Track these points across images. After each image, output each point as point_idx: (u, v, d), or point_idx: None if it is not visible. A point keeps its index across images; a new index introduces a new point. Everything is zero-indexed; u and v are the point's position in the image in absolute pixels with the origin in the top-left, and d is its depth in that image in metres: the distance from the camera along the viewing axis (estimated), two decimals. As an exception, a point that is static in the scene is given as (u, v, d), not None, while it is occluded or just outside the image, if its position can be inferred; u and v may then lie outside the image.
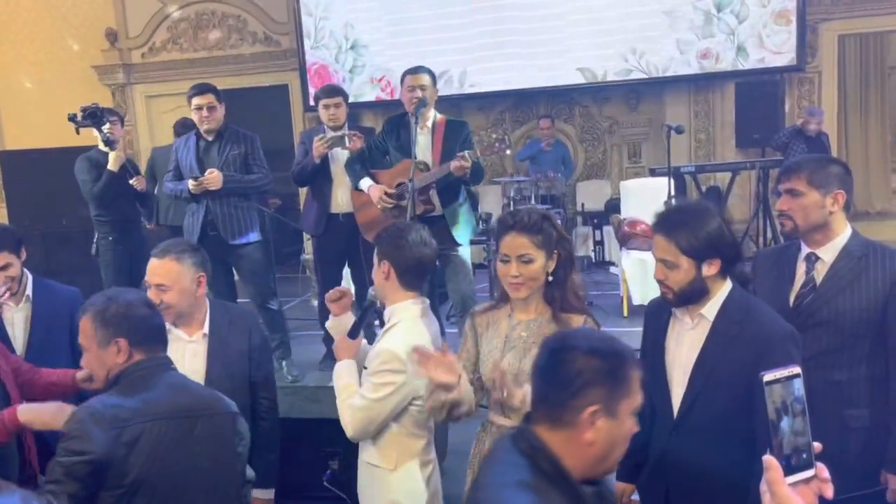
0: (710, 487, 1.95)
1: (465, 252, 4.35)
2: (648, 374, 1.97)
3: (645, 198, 5.58)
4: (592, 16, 7.57)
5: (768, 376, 1.02)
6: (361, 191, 4.36)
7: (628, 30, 7.54)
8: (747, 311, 1.95)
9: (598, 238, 7.53)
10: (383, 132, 4.40)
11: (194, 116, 4.37)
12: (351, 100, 8.24)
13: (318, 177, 4.55)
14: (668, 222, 1.97)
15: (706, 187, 7.82)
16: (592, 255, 7.56)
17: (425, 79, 4.21)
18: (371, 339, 2.80)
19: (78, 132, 4.94)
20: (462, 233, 4.26)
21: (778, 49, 7.29)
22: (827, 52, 7.57)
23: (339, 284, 5.54)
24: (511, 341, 2.10)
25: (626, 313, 5.63)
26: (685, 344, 2.02)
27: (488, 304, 2.25)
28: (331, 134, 4.45)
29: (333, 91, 4.63)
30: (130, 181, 4.90)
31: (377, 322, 6.08)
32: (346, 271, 4.93)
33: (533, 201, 6.68)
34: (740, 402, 1.85)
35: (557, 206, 7.08)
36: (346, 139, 4.34)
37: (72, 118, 4.80)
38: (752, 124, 7.40)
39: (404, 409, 2.22)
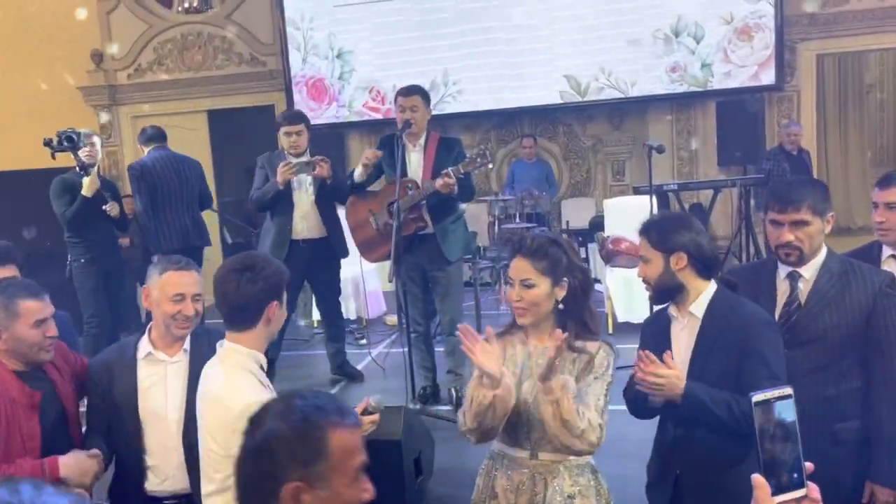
0: (717, 474, 2.08)
1: (456, 270, 4.38)
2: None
3: (628, 216, 5.62)
4: (576, 37, 7.68)
5: (757, 397, 1.03)
6: (358, 204, 4.40)
7: (611, 51, 7.65)
8: (731, 306, 2.12)
9: (583, 256, 7.58)
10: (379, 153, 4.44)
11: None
12: (344, 108, 8.38)
13: (280, 202, 4.55)
14: (646, 224, 2.23)
15: (689, 205, 7.90)
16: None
17: (416, 100, 4.27)
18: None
19: (54, 157, 4.93)
20: (452, 250, 4.29)
21: (742, 63, 7.42)
22: (805, 71, 7.71)
23: (295, 309, 5.56)
24: (527, 369, 2.06)
25: (611, 330, 5.66)
26: (682, 342, 2.16)
27: (503, 329, 2.18)
28: (297, 160, 4.47)
29: (296, 118, 4.66)
30: (104, 207, 4.88)
31: (363, 340, 6.10)
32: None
33: (518, 220, 6.72)
34: (732, 390, 2.02)
35: (542, 223, 7.13)
36: (313, 165, 4.39)
37: (47, 143, 4.77)
38: (734, 142, 7.51)
39: None
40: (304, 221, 4.60)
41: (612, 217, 6.28)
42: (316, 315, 6.60)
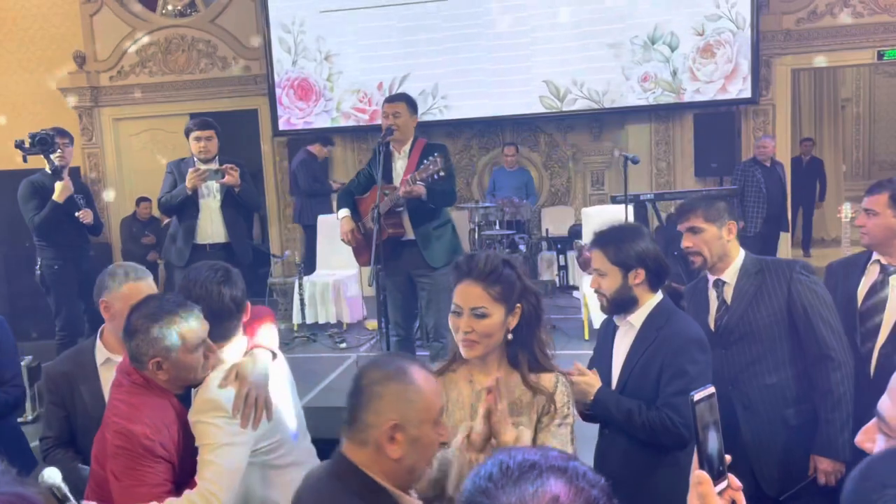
0: (635, 481, 2.10)
1: (443, 277, 4.25)
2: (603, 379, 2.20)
3: (605, 224, 5.73)
4: (556, 45, 7.79)
5: (696, 396, 1.11)
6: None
7: (589, 59, 7.77)
8: (668, 319, 2.17)
9: (562, 263, 7.67)
10: (370, 159, 4.49)
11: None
12: (333, 108, 8.41)
13: (187, 207, 4.60)
14: (602, 238, 2.25)
15: (666, 214, 8.02)
16: (557, 279, 7.69)
17: (400, 107, 4.29)
18: None
19: (25, 160, 4.84)
20: (435, 256, 4.27)
21: (709, 78, 7.59)
22: (780, 86, 7.87)
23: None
24: (477, 412, 1.71)
25: (587, 336, 5.75)
26: (620, 349, 2.24)
27: (441, 364, 1.92)
28: (207, 166, 4.53)
29: (206, 124, 4.67)
30: (77, 214, 4.82)
31: (343, 344, 6.14)
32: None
33: (498, 227, 6.80)
34: (652, 399, 2.10)
35: (523, 231, 7.21)
36: (221, 173, 4.45)
37: (19, 145, 4.69)
38: (710, 154, 7.66)
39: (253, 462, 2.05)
40: (210, 227, 4.65)
41: (589, 225, 6.37)
42: (297, 319, 6.64)
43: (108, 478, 1.94)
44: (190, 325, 1.96)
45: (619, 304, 2.20)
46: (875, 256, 2.62)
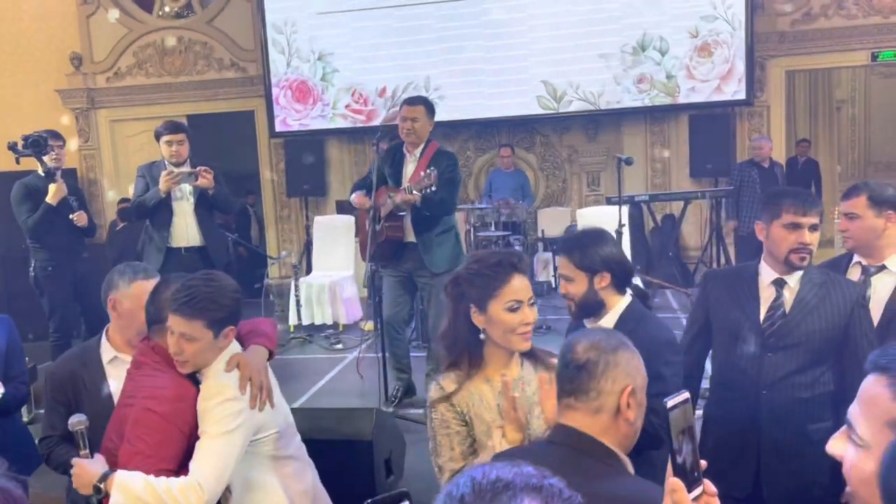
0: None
1: (443, 281, 4.42)
2: None
3: (600, 225, 5.75)
4: (553, 45, 7.82)
5: (671, 402, 1.11)
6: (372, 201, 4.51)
7: (585, 60, 7.80)
8: (638, 322, 2.17)
9: (557, 264, 7.69)
10: (382, 159, 4.55)
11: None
12: (328, 108, 8.42)
13: (160, 211, 4.61)
14: (567, 244, 2.28)
15: (662, 215, 8.05)
16: (553, 280, 7.71)
17: (419, 111, 4.37)
18: None
19: (18, 161, 4.84)
20: (436, 262, 4.35)
21: (704, 77, 7.62)
22: (775, 87, 7.90)
23: None
24: (520, 402, 1.81)
25: (582, 337, 5.77)
26: None
27: (453, 379, 1.90)
28: (180, 169, 4.55)
29: (177, 128, 4.68)
30: (71, 216, 4.83)
31: (339, 345, 6.16)
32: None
33: (493, 228, 6.82)
34: None
35: (518, 232, 7.24)
36: (195, 175, 4.47)
37: (11, 147, 4.68)
38: (705, 155, 7.68)
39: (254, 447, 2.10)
40: (185, 230, 4.65)
41: (584, 226, 6.40)
42: (293, 320, 6.66)
43: (122, 445, 2.01)
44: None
45: (587, 309, 2.23)
46: (856, 259, 2.63)
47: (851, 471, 1.09)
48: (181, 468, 2.00)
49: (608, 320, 2.19)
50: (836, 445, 1.14)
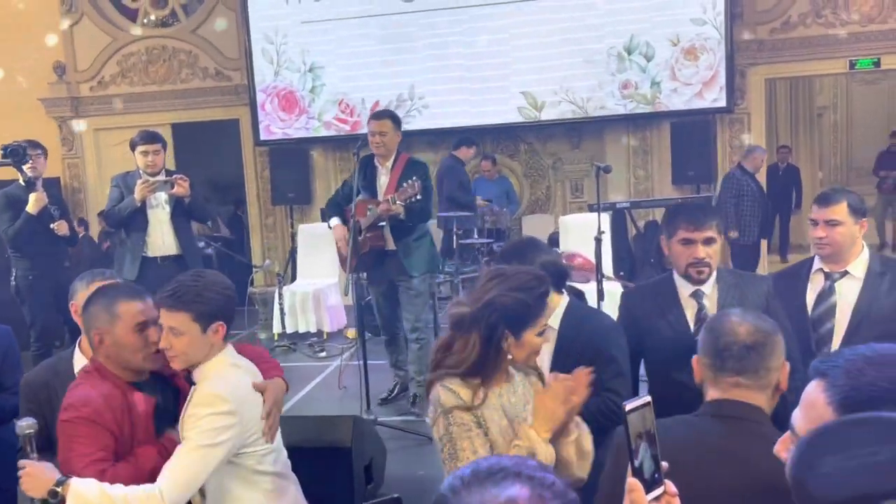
0: None
1: (420, 283, 4.62)
2: None
3: (583, 232, 5.81)
4: (538, 52, 7.87)
5: (629, 405, 1.13)
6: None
7: (568, 67, 7.86)
8: (582, 315, 2.41)
9: (541, 270, 7.73)
10: (355, 171, 4.66)
11: None
12: (314, 119, 8.44)
13: (135, 220, 4.63)
14: (506, 256, 2.40)
15: (645, 222, 8.12)
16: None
17: (386, 125, 4.50)
18: None
19: None
20: (416, 265, 4.54)
21: (688, 81, 7.69)
22: (755, 95, 7.99)
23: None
24: (508, 410, 1.91)
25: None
26: (543, 354, 2.26)
27: (464, 385, 1.88)
28: (155, 178, 4.58)
29: (153, 138, 4.72)
30: (52, 226, 4.84)
31: (323, 353, 6.17)
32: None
33: (476, 235, 6.86)
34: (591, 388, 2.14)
35: (502, 239, 7.27)
36: (171, 183, 4.50)
37: None
38: (687, 162, 7.75)
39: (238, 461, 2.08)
40: (161, 239, 4.67)
41: (567, 233, 6.46)
42: (277, 328, 6.67)
43: (59, 457, 2.05)
44: (131, 305, 2.10)
45: None
46: (817, 265, 2.66)
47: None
48: (120, 460, 2.03)
49: (553, 319, 2.30)
50: (781, 448, 1.18)
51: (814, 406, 1.13)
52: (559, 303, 2.37)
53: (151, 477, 1.99)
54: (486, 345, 1.84)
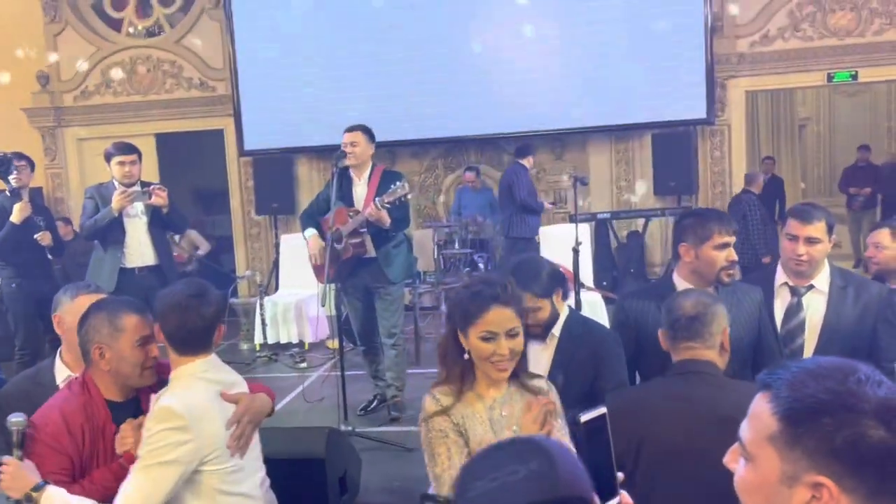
0: None
1: (397, 290, 4.67)
2: None
3: (563, 243, 5.84)
4: (517, 64, 7.92)
5: (584, 417, 1.15)
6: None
7: (551, 78, 7.92)
8: (584, 324, 2.47)
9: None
10: (329, 183, 4.67)
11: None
12: (299, 131, 8.42)
13: (112, 231, 4.61)
14: (523, 280, 2.22)
15: (627, 232, 8.18)
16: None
17: (357, 136, 4.56)
18: None
19: None
20: (395, 272, 4.58)
21: (668, 92, 7.72)
22: (735, 106, 8.08)
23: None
24: (495, 422, 1.91)
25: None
26: (542, 362, 2.36)
27: (447, 392, 1.94)
28: (133, 189, 4.58)
29: (129, 149, 4.70)
30: (35, 236, 4.85)
31: (304, 364, 6.14)
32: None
33: (458, 246, 6.88)
34: (590, 397, 2.20)
35: (485, 250, 7.30)
36: (148, 194, 4.51)
37: None
38: (669, 173, 7.82)
39: (197, 479, 2.02)
40: (138, 249, 4.66)
41: (547, 244, 6.49)
42: (259, 338, 6.66)
43: None
44: (134, 319, 2.08)
45: (550, 325, 2.41)
46: (782, 279, 2.66)
47: (738, 482, 1.15)
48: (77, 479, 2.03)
49: (557, 328, 2.39)
50: (730, 459, 1.20)
51: (759, 417, 1.15)
52: (561, 310, 2.42)
53: (105, 498, 1.97)
54: (447, 334, 1.99)
